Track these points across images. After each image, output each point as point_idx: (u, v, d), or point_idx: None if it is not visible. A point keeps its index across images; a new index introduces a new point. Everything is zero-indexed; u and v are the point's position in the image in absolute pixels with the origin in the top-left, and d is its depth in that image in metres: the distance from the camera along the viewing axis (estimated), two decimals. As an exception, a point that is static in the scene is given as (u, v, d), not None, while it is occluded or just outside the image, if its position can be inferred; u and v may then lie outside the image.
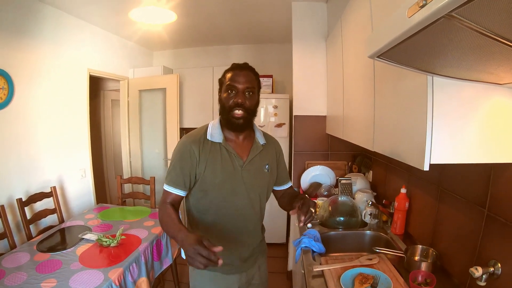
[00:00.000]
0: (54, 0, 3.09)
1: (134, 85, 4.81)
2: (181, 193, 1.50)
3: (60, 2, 3.14)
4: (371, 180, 2.98)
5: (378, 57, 0.92)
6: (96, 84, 5.40)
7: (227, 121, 1.50)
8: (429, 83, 1.08)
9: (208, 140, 1.51)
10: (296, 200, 1.49)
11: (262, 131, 1.71)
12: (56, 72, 3.33)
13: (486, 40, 0.64)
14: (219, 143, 1.51)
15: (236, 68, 1.50)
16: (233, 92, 1.46)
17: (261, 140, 1.63)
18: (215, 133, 1.52)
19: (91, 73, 3.88)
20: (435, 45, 0.75)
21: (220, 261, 1.09)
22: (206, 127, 1.57)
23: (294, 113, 3.47)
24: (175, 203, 1.51)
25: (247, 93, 1.46)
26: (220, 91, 1.54)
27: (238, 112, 1.44)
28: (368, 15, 1.70)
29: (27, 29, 2.95)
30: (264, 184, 1.63)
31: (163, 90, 4.67)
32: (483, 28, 0.60)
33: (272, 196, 1.80)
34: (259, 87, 1.57)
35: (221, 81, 1.55)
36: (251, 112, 1.50)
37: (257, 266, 1.74)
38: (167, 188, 1.51)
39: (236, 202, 1.55)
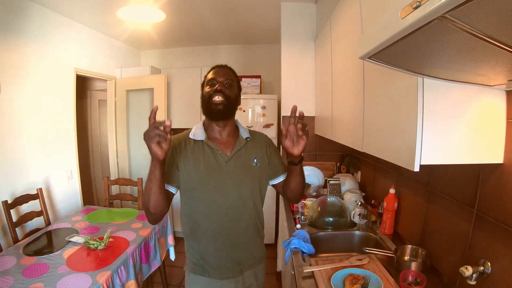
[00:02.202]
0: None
1: (122, 85, 4.75)
2: (171, 189, 1.48)
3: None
4: (359, 181, 3.00)
5: (369, 58, 0.93)
6: (83, 84, 5.33)
7: (207, 110, 1.52)
8: (420, 85, 1.09)
9: (191, 138, 1.55)
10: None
11: (249, 129, 1.72)
12: (42, 71, 3.27)
13: (478, 42, 0.65)
14: (202, 140, 1.54)
15: (216, 67, 1.61)
16: (214, 84, 1.52)
17: (244, 134, 1.64)
18: (198, 133, 1.57)
19: (78, 73, 3.82)
20: (427, 46, 0.75)
21: (168, 122, 1.19)
22: (189, 129, 1.62)
23: (283, 114, 3.47)
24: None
25: (226, 84, 1.53)
26: (202, 92, 1.59)
27: (218, 98, 1.48)
28: (358, 16, 1.71)
29: (12, 27, 2.89)
30: (254, 177, 1.59)
31: (151, 90, 4.63)
32: (476, 30, 0.60)
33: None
34: (239, 87, 1.63)
35: (202, 84, 1.61)
36: (231, 100, 1.52)
37: (255, 275, 1.68)
38: None
39: (224, 199, 1.52)
